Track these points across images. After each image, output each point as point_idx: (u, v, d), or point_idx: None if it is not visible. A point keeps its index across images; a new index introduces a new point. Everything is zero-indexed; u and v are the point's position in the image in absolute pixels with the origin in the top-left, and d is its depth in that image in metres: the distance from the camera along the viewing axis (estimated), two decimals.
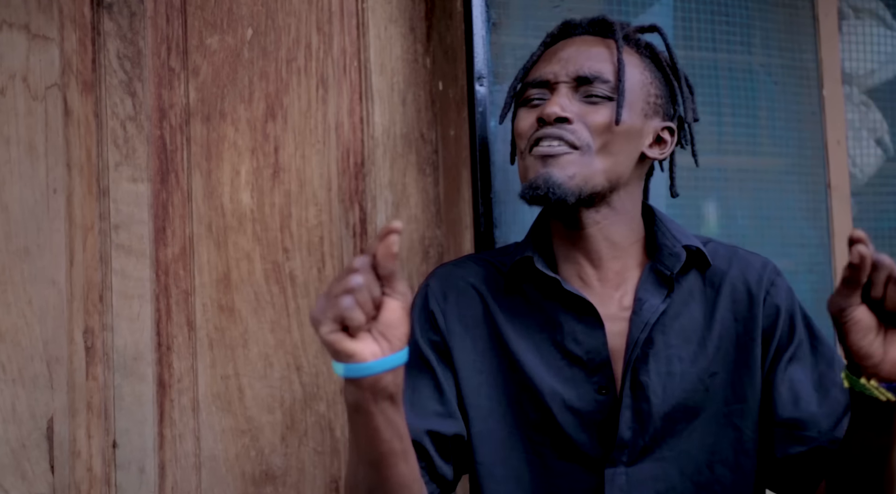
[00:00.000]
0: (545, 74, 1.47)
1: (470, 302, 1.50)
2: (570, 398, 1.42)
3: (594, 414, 1.42)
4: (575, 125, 1.43)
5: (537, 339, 1.46)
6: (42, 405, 1.68)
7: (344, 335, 1.10)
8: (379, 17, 1.93)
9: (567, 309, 1.46)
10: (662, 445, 1.42)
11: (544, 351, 1.45)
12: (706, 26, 2.49)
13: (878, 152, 2.72)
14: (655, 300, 1.46)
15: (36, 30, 1.72)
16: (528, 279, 1.50)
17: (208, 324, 1.79)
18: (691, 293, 1.49)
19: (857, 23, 2.74)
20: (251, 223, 1.83)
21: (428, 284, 1.54)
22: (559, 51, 1.50)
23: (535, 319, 1.47)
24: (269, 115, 1.85)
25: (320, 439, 1.84)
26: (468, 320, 1.49)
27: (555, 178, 1.41)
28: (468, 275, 1.53)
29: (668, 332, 1.45)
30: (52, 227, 1.70)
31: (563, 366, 1.44)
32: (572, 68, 1.45)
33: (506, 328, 1.47)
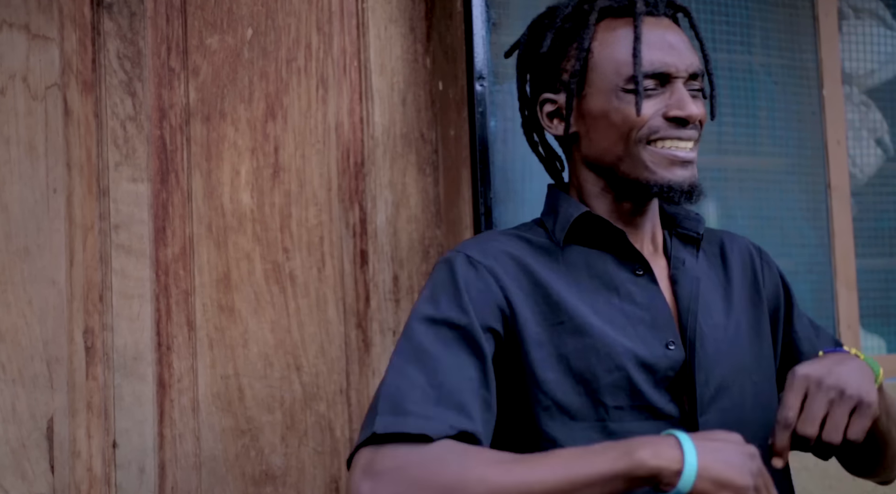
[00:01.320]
0: (667, 66, 1.42)
1: (518, 271, 1.41)
2: (644, 354, 1.39)
3: (667, 370, 1.40)
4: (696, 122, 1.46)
5: (595, 300, 1.42)
6: (42, 405, 1.68)
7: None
8: (379, 18, 1.93)
9: (621, 268, 1.45)
10: (723, 395, 1.43)
11: (605, 313, 1.41)
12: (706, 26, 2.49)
13: (878, 152, 2.72)
14: (692, 259, 1.50)
15: (36, 30, 1.72)
16: (573, 241, 1.46)
17: (208, 324, 1.79)
18: (705, 257, 1.54)
19: (858, 23, 2.74)
20: (251, 223, 1.83)
21: (468, 256, 1.40)
22: (662, 36, 1.44)
23: (588, 281, 1.44)
24: (269, 115, 1.85)
25: (320, 439, 1.84)
26: (520, 290, 1.39)
27: (696, 180, 1.44)
28: (504, 246, 1.44)
29: (704, 289, 1.49)
30: (52, 227, 1.70)
31: (626, 325, 1.41)
32: (688, 62, 1.43)
33: (562, 293, 1.40)
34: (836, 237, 2.56)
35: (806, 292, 2.54)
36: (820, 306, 2.55)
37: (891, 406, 1.50)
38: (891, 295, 2.66)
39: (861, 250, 2.60)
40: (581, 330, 1.39)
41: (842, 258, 2.56)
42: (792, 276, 2.52)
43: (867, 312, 2.60)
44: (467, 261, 1.39)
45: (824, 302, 2.55)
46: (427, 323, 1.35)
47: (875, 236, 2.67)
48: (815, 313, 2.54)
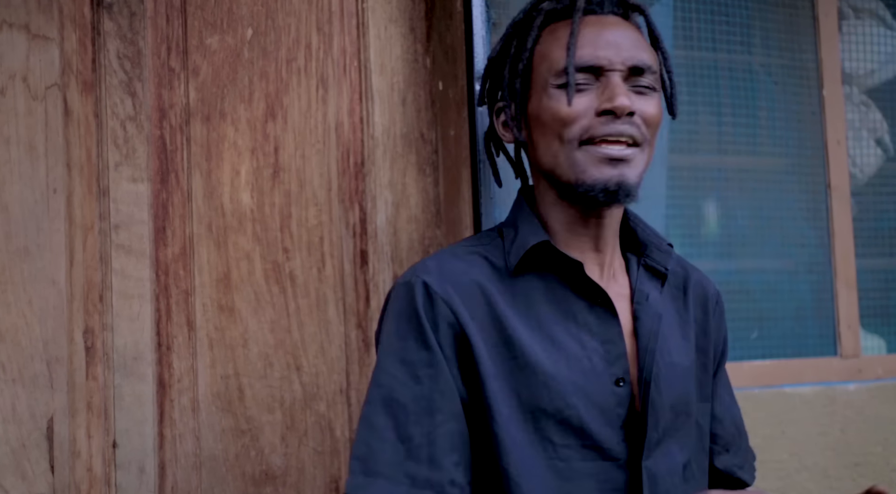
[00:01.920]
0: (598, 59, 1.36)
1: (478, 301, 1.37)
2: (592, 392, 1.35)
3: (615, 408, 1.36)
4: (636, 118, 1.36)
5: (552, 331, 1.37)
6: (42, 405, 1.68)
7: None
8: (379, 17, 1.93)
9: (579, 296, 1.39)
10: (669, 438, 1.39)
11: (561, 344, 1.37)
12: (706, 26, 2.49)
13: (878, 152, 2.72)
14: (655, 293, 1.45)
15: (36, 30, 1.72)
16: (534, 265, 1.41)
17: (208, 324, 1.79)
18: (669, 290, 1.50)
19: (857, 23, 2.74)
20: (251, 223, 1.83)
21: (426, 282, 1.37)
22: (600, 32, 1.39)
23: (546, 308, 1.39)
24: (269, 115, 1.85)
25: (320, 439, 1.84)
26: (478, 320, 1.36)
27: (629, 180, 1.35)
28: (467, 270, 1.40)
29: (664, 326, 1.44)
30: (52, 227, 1.70)
31: (582, 358, 1.36)
32: (626, 55, 1.37)
33: (517, 328, 1.36)
34: (836, 237, 2.56)
35: (806, 293, 2.55)
36: (820, 306, 2.55)
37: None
38: (891, 295, 2.67)
39: (861, 249, 2.60)
40: (532, 367, 1.35)
41: (842, 258, 2.56)
42: (792, 276, 2.52)
43: (867, 312, 2.60)
44: (425, 291, 1.36)
45: (824, 302, 2.55)
46: (396, 365, 1.35)
47: (875, 235, 2.67)
48: (815, 313, 2.55)
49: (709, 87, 2.49)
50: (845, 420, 2.39)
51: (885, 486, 1.23)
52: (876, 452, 2.42)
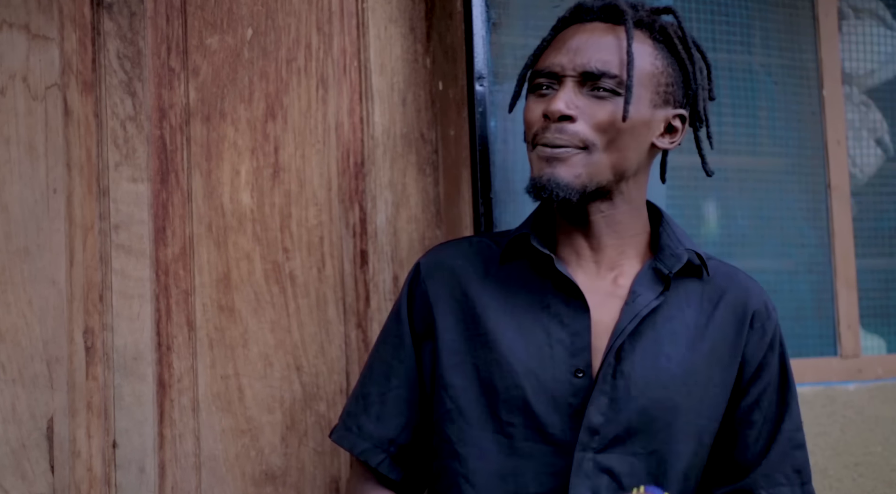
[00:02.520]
0: (553, 65, 1.45)
1: (453, 282, 1.52)
2: (546, 378, 1.42)
3: (567, 397, 1.41)
4: (577, 124, 1.41)
5: (522, 318, 1.47)
6: (42, 405, 1.68)
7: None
8: (379, 17, 1.93)
9: (557, 290, 1.46)
10: (636, 440, 1.41)
11: (526, 330, 1.46)
12: (706, 26, 2.49)
13: (878, 152, 2.72)
14: (649, 295, 1.46)
15: (36, 30, 1.72)
16: (522, 257, 1.52)
17: (208, 324, 1.79)
18: (688, 300, 1.49)
19: (857, 23, 2.74)
20: (251, 223, 1.83)
21: (419, 263, 1.58)
22: (569, 39, 1.47)
23: (522, 298, 1.48)
24: (269, 115, 1.85)
25: (320, 439, 1.84)
26: (450, 299, 1.51)
27: (560, 177, 1.41)
28: (458, 254, 1.56)
29: (659, 329, 1.45)
30: (52, 227, 1.70)
31: (543, 346, 1.44)
32: (580, 61, 1.42)
33: (487, 308, 1.49)
34: (836, 237, 2.56)
35: (806, 293, 2.54)
36: (820, 307, 2.55)
37: None
38: (891, 295, 2.66)
39: (861, 250, 2.60)
40: (493, 345, 1.46)
41: (842, 258, 2.56)
42: (792, 276, 2.52)
43: (867, 312, 2.60)
44: (415, 271, 1.57)
45: (824, 302, 2.55)
46: (380, 333, 1.59)
47: (875, 235, 2.67)
48: (816, 313, 2.54)
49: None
50: (845, 420, 2.39)
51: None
52: (876, 452, 2.42)
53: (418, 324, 1.53)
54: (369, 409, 1.54)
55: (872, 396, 2.46)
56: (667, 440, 1.43)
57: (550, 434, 1.42)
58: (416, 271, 1.57)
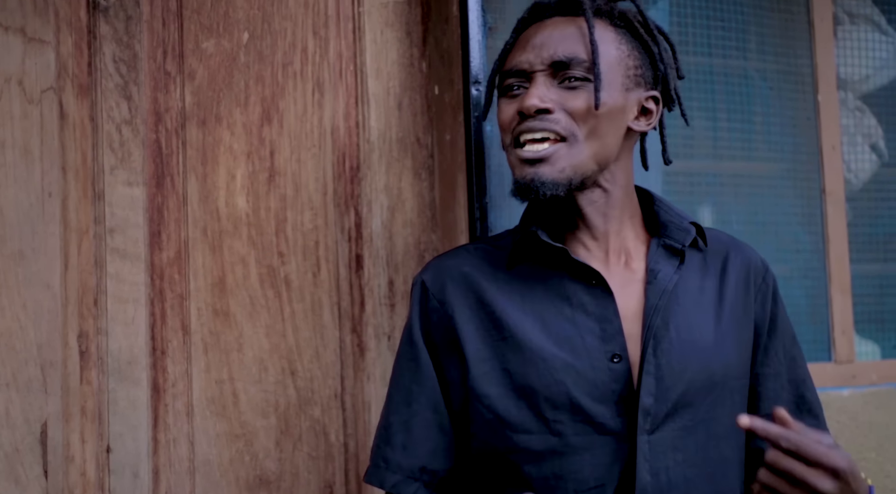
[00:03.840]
0: (520, 63, 1.45)
1: (466, 291, 1.49)
2: (584, 368, 1.40)
3: (610, 384, 1.40)
4: (556, 114, 1.41)
5: (545, 314, 1.45)
6: (36, 409, 1.68)
7: None
8: (375, 22, 1.93)
9: (575, 280, 1.45)
10: (684, 413, 1.41)
11: (552, 325, 1.44)
12: (702, 31, 2.50)
13: (872, 158, 2.73)
14: (669, 271, 1.47)
15: (32, 33, 1.71)
16: (531, 256, 1.49)
17: (203, 328, 1.79)
18: (697, 269, 1.51)
19: (853, 28, 2.74)
20: (246, 227, 1.82)
21: (423, 279, 1.53)
22: (532, 36, 1.47)
23: (541, 294, 1.46)
24: (265, 118, 1.85)
25: (315, 444, 1.83)
26: (467, 309, 1.48)
27: (544, 175, 1.41)
28: (462, 264, 1.52)
29: (685, 302, 1.47)
30: (47, 230, 1.70)
31: (574, 337, 1.42)
32: (546, 54, 1.43)
33: (507, 310, 1.46)
34: (831, 243, 2.56)
35: (801, 298, 2.55)
36: (815, 312, 2.55)
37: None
38: (885, 301, 2.67)
39: (856, 255, 2.61)
40: (522, 346, 1.43)
41: (836, 264, 2.56)
42: (787, 281, 2.52)
43: (862, 317, 2.60)
44: (421, 289, 1.52)
45: (819, 308, 2.55)
46: (395, 360, 1.53)
47: (870, 241, 2.67)
48: (810, 318, 2.55)
49: (704, 92, 2.49)
50: (839, 426, 2.39)
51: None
52: (870, 458, 2.42)
53: (438, 340, 1.49)
54: (393, 439, 1.49)
55: (866, 401, 2.46)
56: (710, 407, 1.43)
57: (601, 424, 1.40)
58: (422, 288, 1.52)
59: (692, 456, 1.41)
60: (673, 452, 1.40)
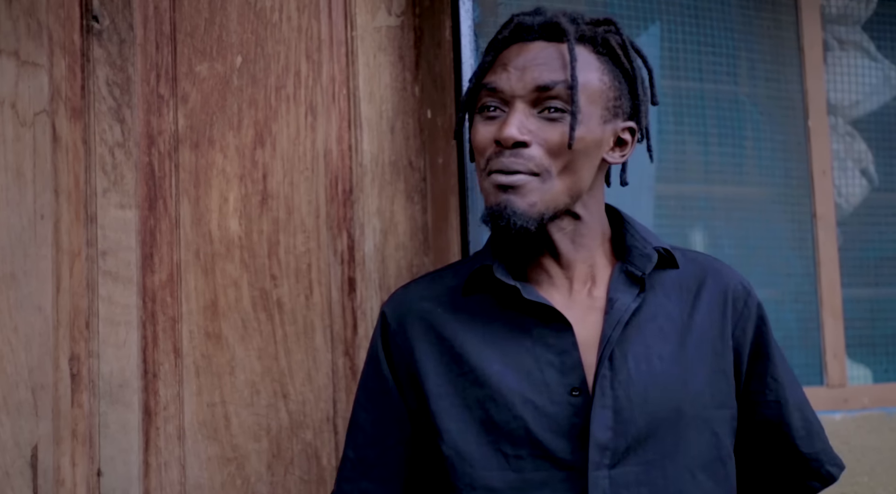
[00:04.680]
0: (500, 85, 1.42)
1: (426, 326, 1.47)
2: (543, 403, 1.38)
3: (569, 418, 1.38)
4: (532, 149, 1.39)
5: (504, 346, 1.43)
6: (26, 432, 1.67)
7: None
8: (368, 46, 1.94)
9: (533, 315, 1.43)
10: (647, 447, 1.38)
11: (513, 358, 1.41)
12: (693, 57, 2.51)
13: (863, 183, 2.74)
14: (627, 299, 1.44)
15: (25, 56, 1.72)
16: (488, 288, 1.47)
17: (195, 351, 1.78)
18: (667, 295, 1.48)
19: (842, 54, 2.76)
20: (239, 250, 1.82)
21: (383, 312, 1.52)
22: (513, 58, 1.44)
23: (500, 327, 1.44)
24: (258, 142, 1.85)
25: (307, 467, 1.83)
26: (426, 343, 1.46)
27: (515, 206, 1.39)
28: (423, 296, 1.50)
29: (645, 331, 1.43)
30: (38, 253, 1.70)
31: (533, 371, 1.40)
32: (528, 80, 1.40)
33: (465, 345, 1.44)
34: (822, 267, 2.57)
35: (792, 322, 2.55)
36: (806, 336, 2.56)
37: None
38: (876, 325, 2.68)
39: (847, 279, 2.61)
40: (481, 381, 1.42)
41: (828, 288, 2.57)
42: (778, 305, 2.53)
43: (853, 341, 2.61)
44: (382, 321, 1.51)
45: (810, 332, 2.56)
46: (360, 390, 1.53)
47: (861, 265, 2.68)
48: (802, 342, 2.55)
49: (695, 116, 2.50)
50: None
51: None
52: (862, 482, 2.42)
53: (401, 375, 1.48)
54: (370, 472, 1.48)
55: (858, 426, 2.46)
56: (676, 440, 1.40)
57: (560, 459, 1.37)
58: (383, 321, 1.51)
59: (660, 491, 1.38)
60: (637, 487, 1.37)
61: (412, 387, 1.46)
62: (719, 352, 1.47)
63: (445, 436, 1.42)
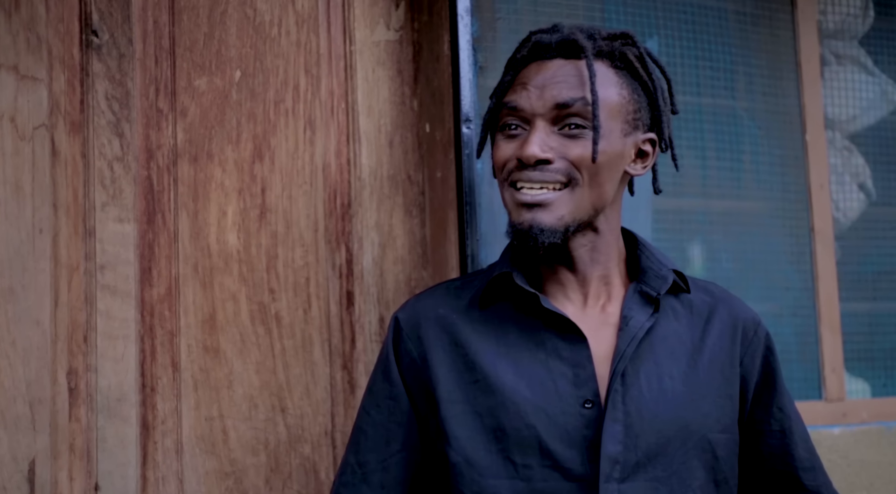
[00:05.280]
0: (521, 103, 1.44)
1: (440, 332, 1.48)
2: (555, 413, 1.39)
3: (580, 429, 1.38)
4: (556, 164, 1.41)
5: (518, 356, 1.44)
6: (24, 447, 1.66)
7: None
8: (367, 60, 1.95)
9: (549, 326, 1.44)
10: (656, 464, 1.39)
11: (525, 369, 1.42)
12: (690, 71, 2.52)
13: (860, 197, 2.75)
14: (641, 317, 1.45)
15: (25, 71, 1.72)
16: (506, 297, 1.48)
17: (193, 365, 1.78)
18: (677, 317, 1.50)
19: (840, 69, 2.77)
20: (237, 264, 1.82)
21: (397, 318, 1.52)
22: (532, 76, 1.46)
23: (514, 337, 1.45)
24: (257, 156, 1.86)
25: (304, 481, 1.82)
26: (440, 350, 1.46)
27: (543, 223, 1.41)
28: (438, 304, 1.51)
29: (657, 350, 1.45)
30: (37, 267, 1.70)
31: (546, 381, 1.41)
32: (548, 98, 1.42)
33: (480, 352, 1.45)
34: (820, 281, 2.57)
35: (790, 336, 2.55)
36: (804, 350, 2.56)
37: None
38: (875, 339, 2.68)
39: (845, 293, 2.61)
40: (493, 388, 1.42)
41: (826, 302, 2.57)
42: (776, 319, 2.53)
43: (851, 355, 2.61)
44: (395, 327, 1.51)
45: (808, 346, 2.56)
46: (367, 395, 1.52)
47: (859, 279, 2.68)
48: (800, 356, 2.55)
49: (693, 131, 2.51)
50: (830, 464, 2.39)
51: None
52: None
53: (410, 381, 1.48)
54: (370, 478, 1.47)
55: (857, 440, 2.46)
56: (683, 459, 1.41)
57: (569, 470, 1.38)
58: (396, 327, 1.51)
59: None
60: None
61: (423, 392, 1.46)
62: (727, 377, 1.48)
63: (454, 442, 1.42)
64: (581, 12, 2.39)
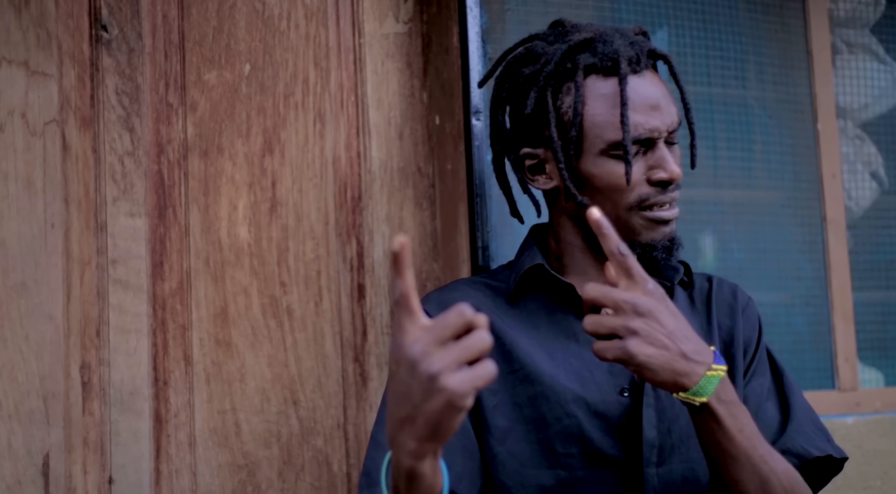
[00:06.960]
0: (651, 133, 1.42)
1: None
2: (595, 401, 1.41)
3: (619, 417, 1.41)
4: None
5: (552, 348, 1.45)
6: (38, 440, 1.67)
7: None
8: (376, 53, 1.95)
9: (580, 317, 1.43)
10: (689, 445, 1.41)
11: (560, 360, 1.44)
12: (701, 61, 2.51)
13: (872, 185, 2.73)
14: None
15: (35, 66, 1.73)
16: (536, 290, 1.50)
17: (205, 359, 1.79)
18: (689, 307, 1.54)
19: (851, 57, 2.76)
20: (248, 258, 1.83)
21: (426, 310, 1.46)
22: (646, 96, 1.43)
23: (546, 330, 1.47)
24: (267, 149, 1.86)
25: (317, 474, 1.83)
26: None
27: (674, 234, 1.47)
28: (466, 295, 1.50)
29: None
30: (49, 262, 1.70)
31: (582, 370, 1.43)
32: (669, 121, 1.44)
33: (516, 342, 1.45)
34: (833, 270, 2.56)
35: (803, 326, 2.55)
36: (817, 340, 2.55)
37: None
38: (888, 328, 2.67)
39: (858, 283, 2.61)
40: (532, 378, 1.43)
41: (838, 291, 2.56)
42: (788, 309, 2.52)
43: (864, 345, 2.60)
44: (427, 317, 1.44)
45: (821, 335, 2.55)
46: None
47: (871, 268, 2.67)
48: (813, 346, 2.54)
49: (704, 121, 2.50)
50: None
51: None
52: (875, 486, 2.41)
53: None
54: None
55: (871, 429, 2.45)
56: None
57: (610, 457, 1.40)
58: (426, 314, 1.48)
59: (702, 490, 1.42)
60: (684, 484, 1.41)
61: None
62: (731, 357, 1.52)
63: (496, 432, 1.42)
64: (590, 2, 2.38)
